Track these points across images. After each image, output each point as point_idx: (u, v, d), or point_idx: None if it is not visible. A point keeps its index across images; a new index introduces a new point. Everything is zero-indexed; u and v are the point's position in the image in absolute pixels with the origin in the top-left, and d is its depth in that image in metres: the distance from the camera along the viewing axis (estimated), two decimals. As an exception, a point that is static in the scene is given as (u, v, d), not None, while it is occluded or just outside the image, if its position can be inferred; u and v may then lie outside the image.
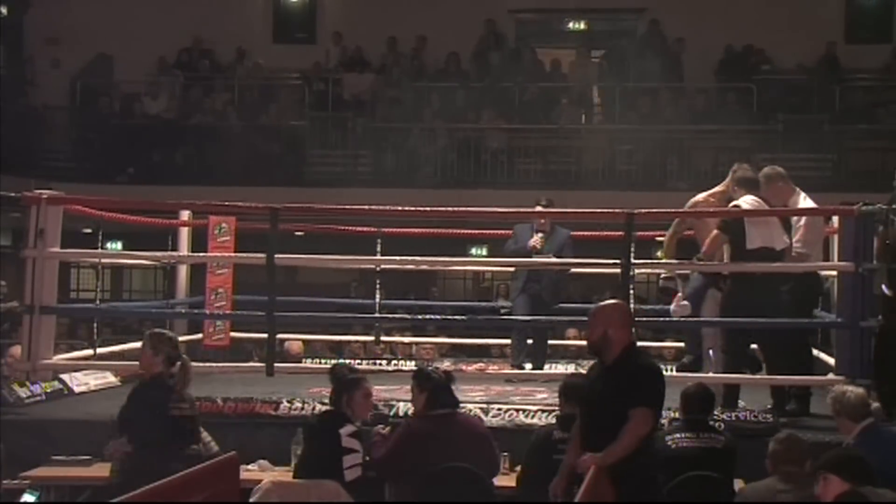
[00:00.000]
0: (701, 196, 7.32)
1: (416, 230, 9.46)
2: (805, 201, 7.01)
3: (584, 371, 6.16)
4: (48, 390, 6.85)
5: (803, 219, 6.92)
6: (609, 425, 4.63)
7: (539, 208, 8.09)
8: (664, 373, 5.00)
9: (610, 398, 4.68)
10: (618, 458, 4.51)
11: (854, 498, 4.15)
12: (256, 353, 9.84)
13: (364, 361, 9.22)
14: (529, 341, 8.29)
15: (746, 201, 6.76)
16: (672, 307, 7.28)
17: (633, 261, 6.76)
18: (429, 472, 5.10)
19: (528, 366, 8.12)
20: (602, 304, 4.98)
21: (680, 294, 7.18)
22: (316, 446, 5.27)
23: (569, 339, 10.22)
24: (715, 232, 6.78)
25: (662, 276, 7.56)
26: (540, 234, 8.08)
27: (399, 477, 5.29)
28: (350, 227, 9.58)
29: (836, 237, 7.40)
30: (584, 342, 9.81)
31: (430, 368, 5.77)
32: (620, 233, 6.88)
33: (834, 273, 7.30)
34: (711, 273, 7.03)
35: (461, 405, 5.66)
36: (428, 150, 14.27)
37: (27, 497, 5.60)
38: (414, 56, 15.71)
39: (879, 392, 5.47)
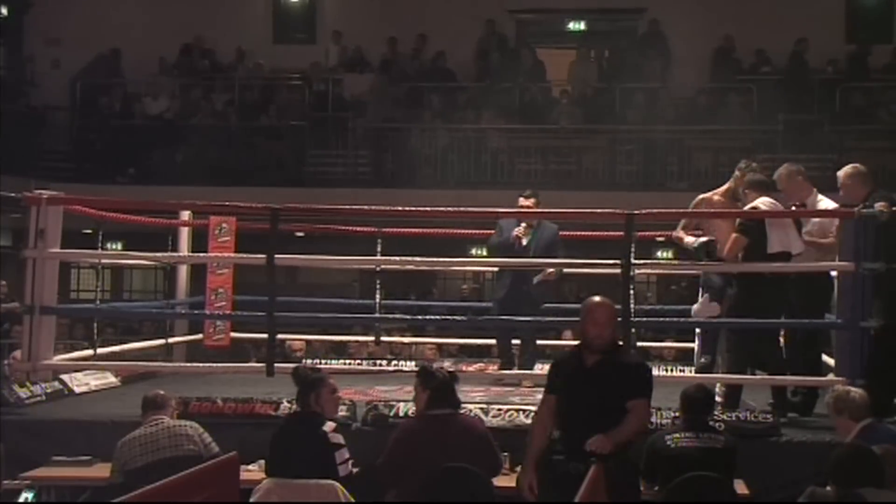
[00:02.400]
0: (707, 194, 7.29)
1: (416, 230, 9.46)
2: (822, 201, 7.03)
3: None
4: (48, 391, 6.85)
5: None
6: (605, 419, 4.73)
7: (523, 200, 7.98)
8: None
9: (607, 393, 4.78)
10: (625, 439, 4.73)
11: (850, 499, 4.16)
12: (254, 355, 9.85)
13: (364, 361, 9.24)
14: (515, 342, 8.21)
15: (764, 202, 6.73)
16: (695, 308, 7.24)
17: (633, 261, 6.74)
18: (428, 473, 5.10)
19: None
20: (609, 302, 5.01)
21: (707, 295, 7.11)
22: (301, 447, 5.23)
23: (565, 339, 10.21)
24: (735, 235, 6.71)
25: (701, 240, 7.33)
26: (523, 224, 7.96)
27: (399, 479, 5.27)
28: (350, 227, 9.58)
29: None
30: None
31: (433, 367, 5.74)
32: (620, 233, 6.87)
33: (834, 273, 7.29)
34: (730, 273, 6.99)
35: (461, 405, 5.65)
36: (428, 150, 14.27)
37: (25, 497, 5.60)
38: (414, 56, 15.71)
39: (871, 392, 5.48)
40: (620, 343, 5.22)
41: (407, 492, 5.15)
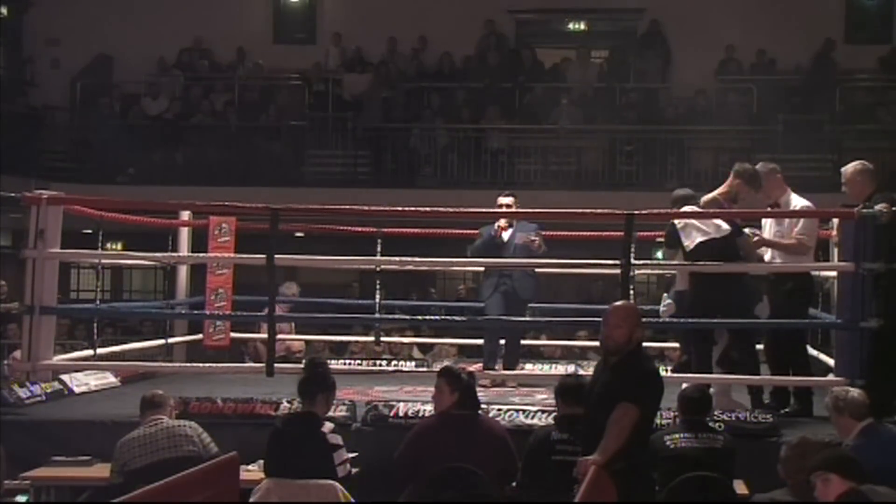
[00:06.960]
0: (709, 196, 7.30)
1: (416, 230, 9.46)
2: (797, 199, 7.03)
3: (583, 372, 6.21)
4: (48, 390, 6.85)
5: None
6: (602, 423, 4.69)
7: (502, 199, 7.95)
8: (660, 374, 5.03)
9: (605, 397, 4.77)
10: (611, 453, 4.56)
11: (856, 497, 4.15)
12: (248, 353, 9.84)
13: (364, 361, 9.23)
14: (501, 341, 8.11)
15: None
16: (661, 308, 7.28)
17: (633, 261, 6.74)
18: (429, 473, 5.10)
19: (499, 367, 7.93)
20: (626, 305, 5.00)
21: (666, 294, 7.19)
22: (300, 448, 5.23)
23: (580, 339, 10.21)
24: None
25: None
26: (503, 220, 7.91)
27: (414, 475, 5.25)
28: (350, 227, 9.58)
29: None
30: (581, 343, 9.90)
31: (458, 369, 5.71)
32: (620, 233, 6.87)
33: (834, 274, 7.29)
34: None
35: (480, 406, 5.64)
36: (428, 150, 14.28)
37: (20, 499, 5.60)
38: (414, 56, 15.71)
39: (871, 392, 5.48)
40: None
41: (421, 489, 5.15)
